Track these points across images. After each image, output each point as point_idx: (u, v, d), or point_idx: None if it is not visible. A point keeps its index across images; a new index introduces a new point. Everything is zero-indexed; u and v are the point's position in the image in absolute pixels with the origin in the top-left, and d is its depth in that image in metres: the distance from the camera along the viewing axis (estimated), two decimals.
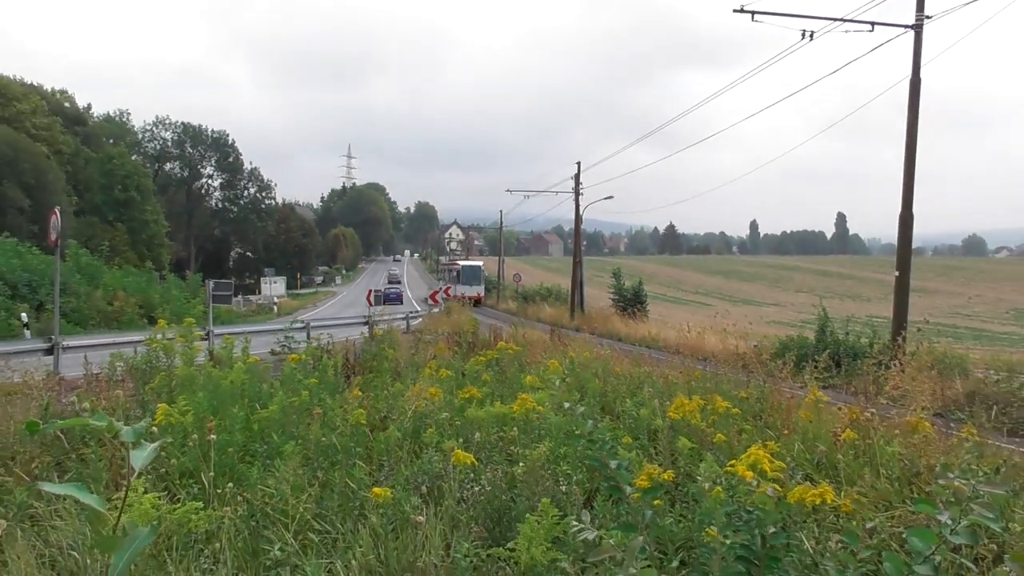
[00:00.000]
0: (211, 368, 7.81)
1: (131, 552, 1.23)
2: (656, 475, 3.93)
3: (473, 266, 71.15)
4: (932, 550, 2.21)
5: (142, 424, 1.30)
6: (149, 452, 1.28)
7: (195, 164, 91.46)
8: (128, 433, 1.27)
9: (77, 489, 1.27)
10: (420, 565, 3.68)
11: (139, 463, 1.26)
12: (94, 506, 1.24)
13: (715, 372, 9.57)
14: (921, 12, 16.96)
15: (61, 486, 1.29)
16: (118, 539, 1.22)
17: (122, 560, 1.22)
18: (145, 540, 1.25)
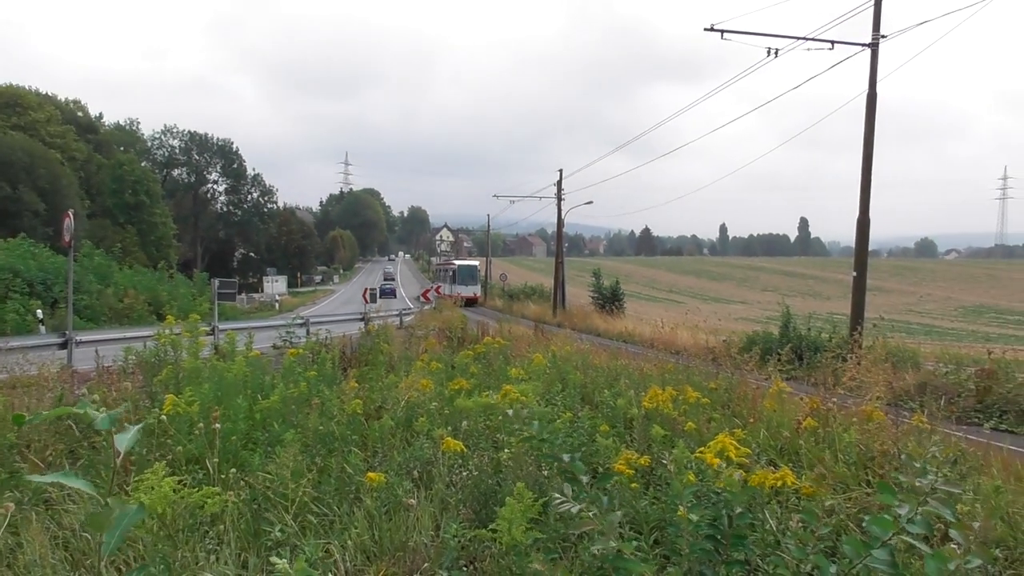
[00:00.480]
0: (216, 361, 7.77)
1: (121, 529, 1.22)
2: (633, 460, 3.96)
3: (469, 266, 64.90)
4: (889, 536, 2.23)
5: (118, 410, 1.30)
6: (132, 435, 1.28)
7: (201, 170, 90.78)
8: (102, 421, 1.26)
9: (64, 476, 1.26)
10: (411, 544, 3.68)
11: (123, 445, 1.25)
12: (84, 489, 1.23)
13: (687, 365, 9.62)
14: (877, 32, 17.10)
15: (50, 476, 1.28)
16: (108, 517, 1.21)
17: (113, 537, 1.21)
18: (134, 518, 1.24)
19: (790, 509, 3.99)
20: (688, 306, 52.18)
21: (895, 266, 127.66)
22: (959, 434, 5.51)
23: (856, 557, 2.22)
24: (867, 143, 17.46)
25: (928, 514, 2.25)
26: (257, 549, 3.69)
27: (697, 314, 29.61)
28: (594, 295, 46.02)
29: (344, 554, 3.65)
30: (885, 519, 2.24)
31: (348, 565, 3.57)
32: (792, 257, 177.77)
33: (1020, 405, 11.30)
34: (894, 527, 2.22)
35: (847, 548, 2.25)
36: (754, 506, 3.48)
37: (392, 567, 3.51)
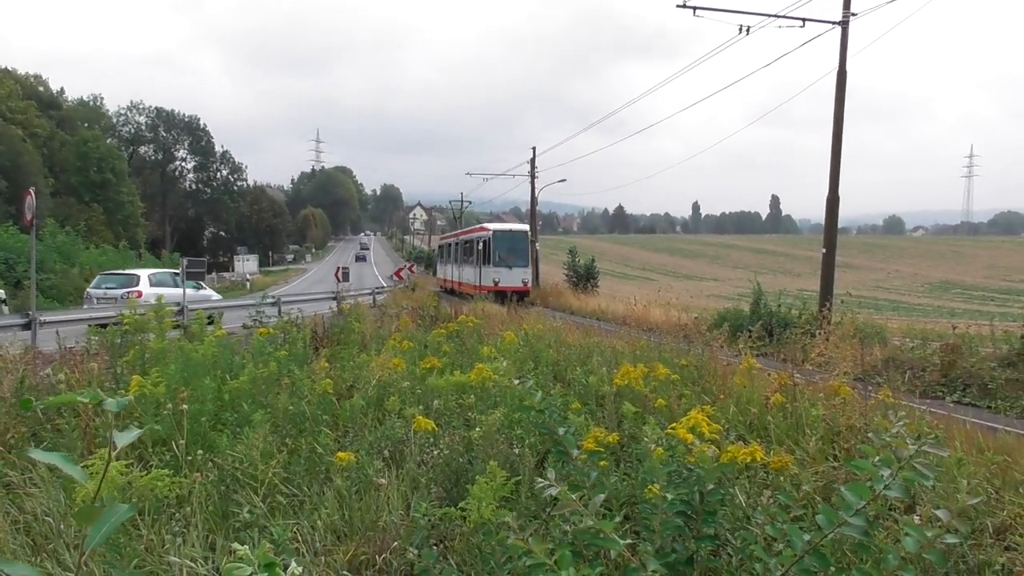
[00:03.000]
0: (184, 342, 7.66)
1: (109, 526, 1.18)
2: (602, 438, 3.96)
3: (513, 233, 35.22)
4: (864, 504, 2.25)
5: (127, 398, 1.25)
6: (133, 435, 1.24)
7: (169, 147, 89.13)
8: (112, 404, 1.22)
9: (63, 460, 1.21)
10: (381, 524, 3.67)
11: (122, 442, 1.21)
12: (76, 477, 1.19)
13: (659, 342, 9.66)
14: (848, 9, 17.16)
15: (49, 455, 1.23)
16: (97, 511, 1.17)
17: (99, 533, 1.17)
18: (124, 515, 1.20)
19: (759, 484, 4.03)
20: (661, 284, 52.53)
21: (864, 243, 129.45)
22: (923, 408, 5.61)
23: (828, 527, 2.24)
24: (837, 121, 17.59)
25: (907, 480, 2.28)
26: (225, 531, 3.65)
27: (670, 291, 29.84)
28: (568, 273, 46.06)
29: (314, 534, 3.63)
30: (861, 486, 2.27)
31: (318, 545, 3.55)
32: (764, 235, 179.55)
33: (982, 379, 11.54)
34: (869, 494, 2.24)
35: (820, 518, 2.27)
36: (724, 482, 3.51)
37: (362, 546, 3.49)
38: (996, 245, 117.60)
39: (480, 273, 33.42)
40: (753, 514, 3.16)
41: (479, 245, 34.10)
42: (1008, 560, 3.36)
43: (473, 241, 35.88)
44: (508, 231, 35.35)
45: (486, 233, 34.22)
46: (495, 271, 32.20)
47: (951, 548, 3.40)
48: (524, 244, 33.78)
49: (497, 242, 33.11)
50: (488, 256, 32.80)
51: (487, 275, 32.41)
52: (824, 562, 2.25)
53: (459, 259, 39.78)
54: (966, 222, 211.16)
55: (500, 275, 32.03)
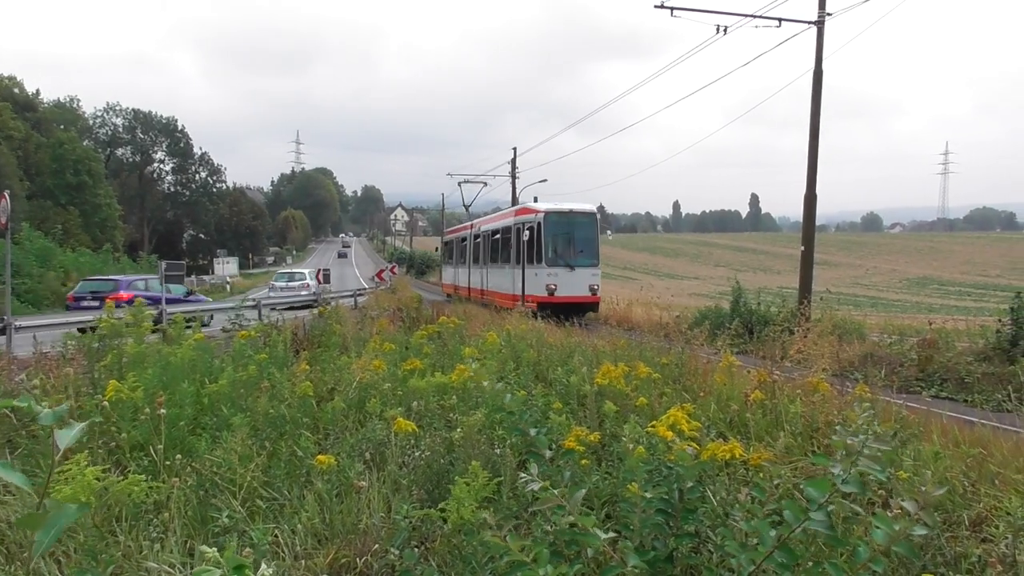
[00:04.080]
0: (162, 346, 7.59)
1: (56, 529, 1.17)
2: (583, 437, 3.98)
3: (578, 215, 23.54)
4: (826, 498, 2.27)
5: (63, 407, 1.24)
6: (75, 432, 1.22)
7: (146, 149, 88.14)
8: (46, 416, 1.20)
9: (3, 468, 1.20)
10: (362, 527, 3.65)
11: (64, 443, 1.19)
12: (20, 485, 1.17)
13: (639, 341, 9.70)
14: (823, 9, 17.33)
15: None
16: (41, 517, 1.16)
17: (47, 537, 1.15)
18: (71, 517, 1.19)
19: (739, 480, 4.06)
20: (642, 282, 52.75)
21: (842, 240, 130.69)
22: (900, 402, 5.67)
23: (795, 521, 2.26)
24: (814, 119, 17.74)
25: (861, 474, 2.31)
26: (204, 536, 3.62)
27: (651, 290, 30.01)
28: None
29: (294, 538, 3.60)
30: (821, 481, 2.29)
31: (298, 549, 3.53)
32: (744, 233, 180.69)
33: (959, 373, 11.69)
34: (829, 489, 2.27)
35: (787, 513, 2.30)
36: (704, 479, 3.53)
37: (343, 549, 3.48)
38: (972, 241, 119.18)
39: (523, 277, 22.51)
40: (731, 511, 3.18)
41: (522, 235, 22.84)
42: (984, 551, 3.41)
43: (511, 230, 24.36)
44: (568, 213, 22.91)
45: (534, 217, 22.45)
46: (550, 273, 21.69)
47: (927, 540, 3.45)
48: (592, 232, 23.04)
49: (552, 230, 22.28)
50: (538, 251, 22.03)
51: (536, 279, 21.88)
52: (792, 557, 2.27)
53: (483, 257, 28.52)
54: (942, 218, 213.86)
55: (557, 279, 21.58)
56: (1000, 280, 70.44)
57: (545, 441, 3.28)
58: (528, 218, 23.10)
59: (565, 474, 3.31)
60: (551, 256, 22.17)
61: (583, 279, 22.05)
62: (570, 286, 21.71)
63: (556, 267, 21.97)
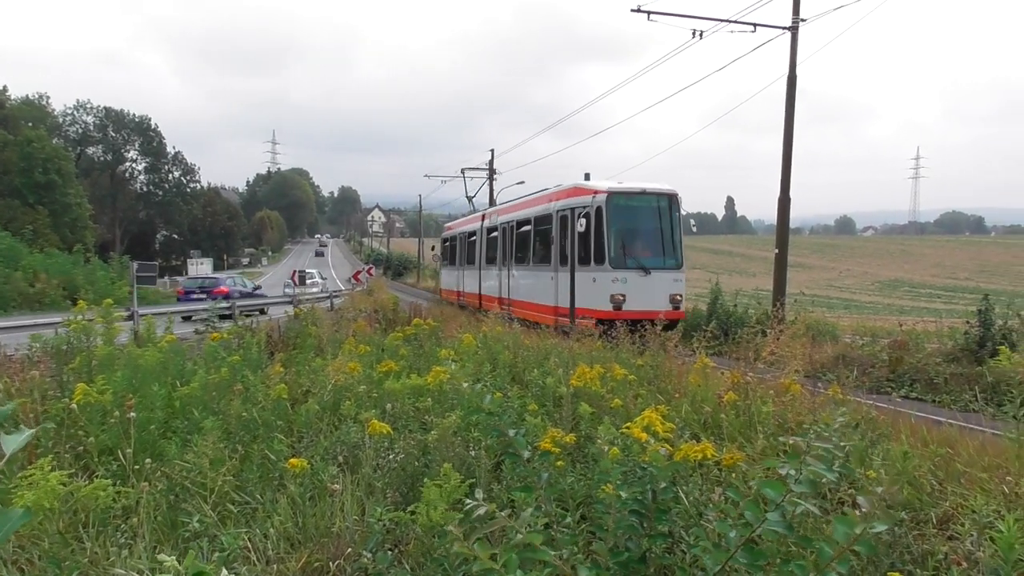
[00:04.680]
0: (133, 348, 7.49)
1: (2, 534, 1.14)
2: (559, 438, 3.99)
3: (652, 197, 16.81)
4: (782, 499, 2.30)
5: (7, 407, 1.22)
6: (23, 437, 1.20)
7: (118, 148, 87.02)
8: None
9: None
10: (336, 530, 3.63)
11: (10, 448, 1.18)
12: None
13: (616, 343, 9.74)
14: (797, 15, 17.56)
15: None
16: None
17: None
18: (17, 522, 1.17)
19: (712, 481, 4.09)
20: None
21: (816, 243, 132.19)
22: (870, 403, 5.75)
23: (756, 522, 2.29)
24: (788, 124, 17.95)
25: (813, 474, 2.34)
26: (174, 541, 3.58)
27: None
28: None
29: (267, 542, 3.58)
30: (776, 482, 2.33)
31: (270, 553, 3.50)
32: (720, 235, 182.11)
33: (928, 374, 11.89)
34: (784, 489, 2.30)
35: (748, 514, 2.33)
36: (678, 479, 3.56)
37: (316, 553, 3.45)
38: (942, 244, 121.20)
39: (573, 283, 16.87)
40: (704, 511, 3.21)
41: (570, 226, 17.09)
42: (950, 549, 3.46)
43: (550, 219, 18.37)
44: (640, 195, 16.79)
45: (590, 200, 16.50)
46: (615, 279, 15.83)
47: (895, 539, 3.50)
48: (673, 221, 16.97)
49: (618, 218, 16.35)
50: (598, 248, 16.19)
51: (594, 287, 16.04)
52: (754, 557, 2.30)
53: (503, 257, 22.27)
54: (913, 222, 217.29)
55: (627, 287, 15.80)
56: (969, 283, 71.66)
57: (524, 442, 3.29)
58: (580, 202, 16.70)
59: (542, 475, 3.32)
60: (617, 255, 15.98)
61: (662, 287, 15.86)
62: (644, 296, 15.41)
63: (624, 270, 15.78)
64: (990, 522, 3.40)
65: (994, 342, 11.79)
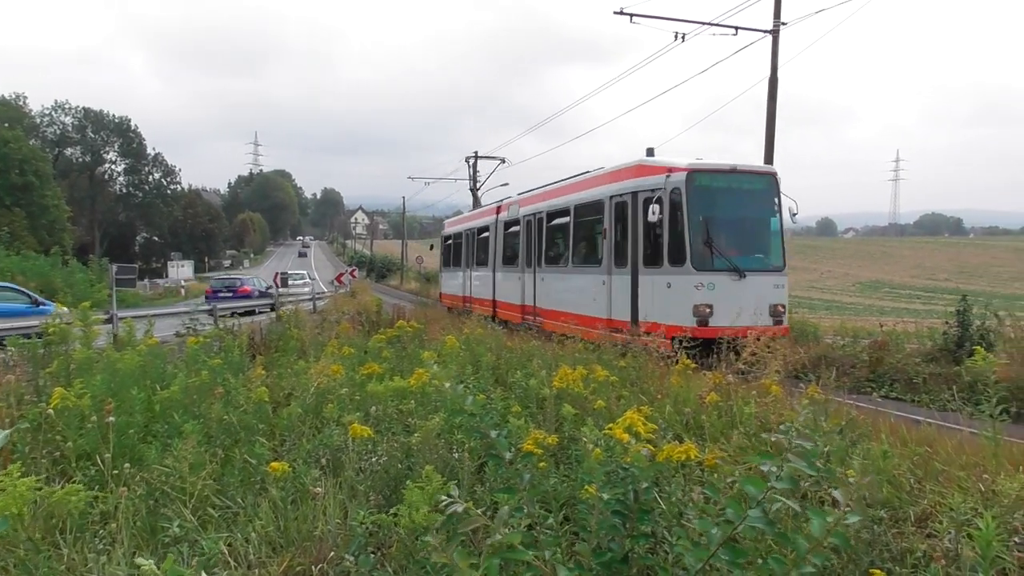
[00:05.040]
0: (112, 351, 7.42)
1: None
2: (542, 440, 3.99)
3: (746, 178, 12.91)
4: (763, 495, 2.33)
5: None
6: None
7: (97, 149, 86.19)
8: None
9: None
10: (318, 534, 3.62)
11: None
12: None
13: (598, 344, 9.77)
14: (778, 19, 17.70)
15: None
16: None
17: None
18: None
19: (694, 481, 4.11)
20: None
21: (798, 244, 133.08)
22: (851, 403, 5.81)
23: (736, 519, 2.31)
24: (769, 126, 18.09)
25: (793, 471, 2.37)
26: (154, 547, 3.55)
27: None
28: None
29: (248, 547, 3.55)
30: (756, 479, 2.35)
31: (252, 558, 3.48)
32: None
33: (908, 374, 12.02)
34: (764, 486, 2.32)
35: (729, 512, 2.34)
36: (661, 480, 3.57)
37: (298, 557, 3.44)
38: (921, 245, 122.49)
39: (636, 290, 13.44)
40: (686, 510, 3.23)
41: (631, 214, 13.76)
42: (929, 546, 3.50)
43: (601, 207, 14.90)
44: (731, 173, 13.13)
45: (663, 180, 12.95)
46: (700, 283, 12.39)
47: (874, 536, 3.54)
48: (772, 210, 13.51)
49: (703, 203, 12.79)
50: (673, 244, 12.76)
51: (673, 295, 12.59)
52: (736, 554, 2.32)
53: (528, 256, 18.52)
54: (894, 223, 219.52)
55: (715, 294, 12.31)
56: (948, 283, 72.52)
57: (506, 443, 3.29)
58: (647, 184, 13.04)
59: (524, 476, 3.32)
60: (702, 252, 12.32)
61: (760, 294, 12.31)
62: (737, 307, 11.70)
63: (711, 272, 12.20)
64: (968, 520, 3.44)
65: (972, 342, 11.94)
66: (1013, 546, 3.42)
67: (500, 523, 2.25)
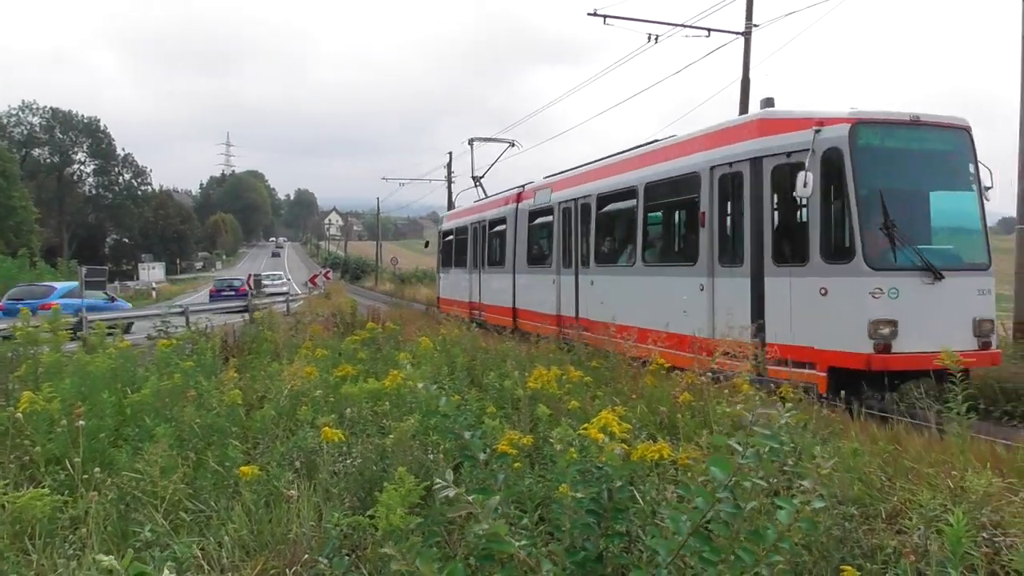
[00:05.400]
0: (82, 354, 7.31)
1: None
2: (516, 440, 4.00)
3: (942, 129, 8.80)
4: (729, 478, 2.35)
5: None
6: None
7: (66, 150, 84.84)
8: None
9: None
10: (292, 537, 3.59)
11: None
12: None
13: (573, 344, 9.80)
14: (750, 21, 17.92)
15: None
16: None
17: None
18: None
19: (668, 480, 4.14)
20: None
21: None
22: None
23: (706, 507, 2.33)
24: None
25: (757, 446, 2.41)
26: (125, 551, 3.49)
27: None
28: None
29: (221, 551, 3.52)
30: (723, 460, 2.38)
31: (225, 562, 3.45)
32: None
33: None
34: (731, 467, 2.35)
35: (699, 500, 2.36)
36: (635, 479, 3.60)
37: (271, 560, 3.41)
38: None
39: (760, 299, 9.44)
40: (659, 509, 3.25)
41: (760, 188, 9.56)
42: (899, 543, 3.56)
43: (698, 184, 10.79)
44: (911, 126, 8.77)
45: (807, 138, 8.75)
46: (877, 289, 8.22)
47: (846, 533, 3.59)
48: (968, 183, 9.11)
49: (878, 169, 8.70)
50: (829, 230, 8.84)
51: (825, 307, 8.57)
52: (706, 543, 2.34)
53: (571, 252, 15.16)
54: None
55: (899, 305, 8.18)
56: None
57: (480, 444, 3.29)
58: (783, 143, 9.40)
59: (499, 477, 3.34)
60: (880, 244, 8.63)
61: (961, 302, 8.68)
62: (931, 324, 8.32)
63: (894, 272, 8.53)
64: (937, 516, 3.50)
65: None
66: (981, 541, 3.50)
67: (488, 512, 2.26)
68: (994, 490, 3.91)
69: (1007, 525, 3.68)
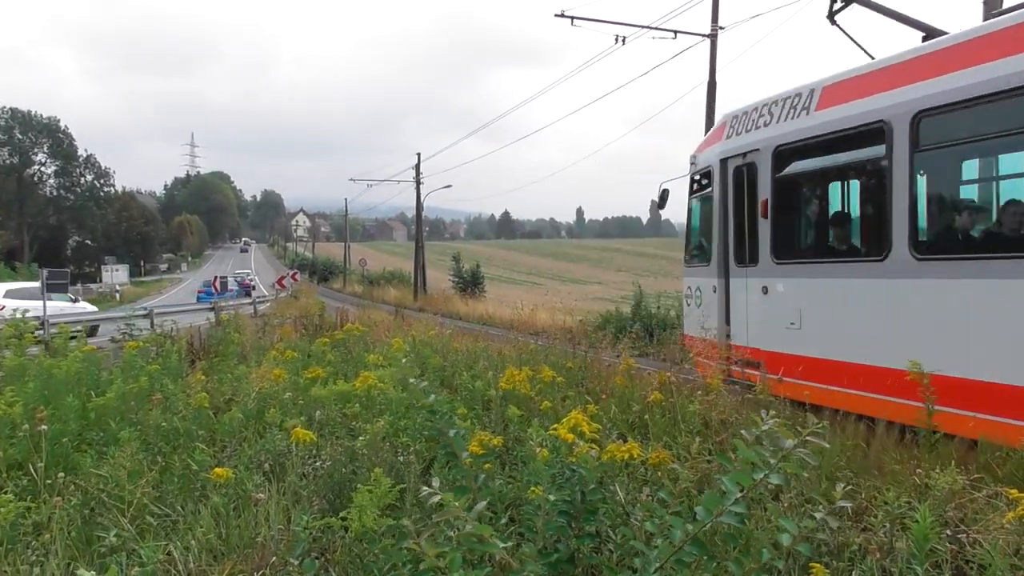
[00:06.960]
0: (44, 358, 7.15)
1: None
2: (487, 441, 3.99)
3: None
4: (745, 491, 2.35)
5: None
6: None
7: (25, 151, 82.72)
8: None
9: None
10: (260, 540, 3.54)
11: None
12: None
13: (545, 346, 9.82)
14: (716, 23, 18.11)
15: None
16: None
17: None
18: None
19: (639, 480, 4.16)
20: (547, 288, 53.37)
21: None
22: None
23: (707, 516, 2.33)
24: (708, 128, 18.45)
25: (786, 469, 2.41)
26: (90, 557, 3.43)
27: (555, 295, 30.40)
28: (455, 279, 46.13)
29: (188, 555, 3.46)
30: (744, 475, 2.37)
31: (192, 566, 3.39)
32: (645, 238, 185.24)
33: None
34: (751, 482, 2.35)
35: (699, 509, 2.36)
36: (606, 480, 3.61)
37: (239, 564, 3.36)
38: None
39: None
40: (632, 510, 3.26)
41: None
42: (864, 540, 3.60)
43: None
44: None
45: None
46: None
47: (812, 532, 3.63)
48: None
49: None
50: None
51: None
52: (703, 550, 2.34)
53: None
54: None
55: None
56: None
57: (463, 443, 3.28)
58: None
59: (480, 477, 3.31)
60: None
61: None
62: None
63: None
64: (903, 513, 3.55)
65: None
66: (946, 538, 3.55)
67: (475, 515, 2.26)
68: (958, 487, 3.97)
69: (971, 521, 3.74)
